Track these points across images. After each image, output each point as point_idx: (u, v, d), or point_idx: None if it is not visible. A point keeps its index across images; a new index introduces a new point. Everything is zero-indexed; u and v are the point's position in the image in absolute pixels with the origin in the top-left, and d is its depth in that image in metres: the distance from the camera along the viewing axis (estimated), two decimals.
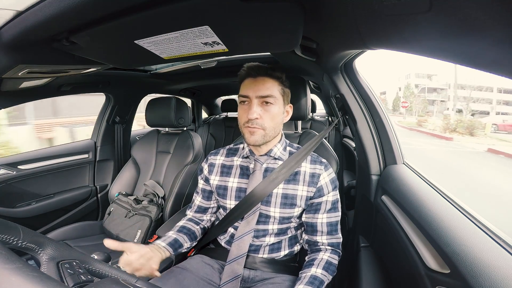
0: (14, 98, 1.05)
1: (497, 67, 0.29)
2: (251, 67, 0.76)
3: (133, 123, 1.85)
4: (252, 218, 0.78)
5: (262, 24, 0.51)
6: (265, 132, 0.75)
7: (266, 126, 0.74)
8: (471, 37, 0.28)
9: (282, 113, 0.79)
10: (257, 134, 0.74)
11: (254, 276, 0.79)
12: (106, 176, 1.71)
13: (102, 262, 0.50)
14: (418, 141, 9.62)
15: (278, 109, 0.76)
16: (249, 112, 0.73)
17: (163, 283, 0.72)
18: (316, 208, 0.79)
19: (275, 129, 0.77)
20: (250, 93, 0.74)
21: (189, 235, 0.86)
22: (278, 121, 0.77)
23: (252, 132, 0.74)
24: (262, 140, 0.75)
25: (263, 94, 0.73)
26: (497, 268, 0.39)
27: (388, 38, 0.45)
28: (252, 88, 0.74)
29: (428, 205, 0.60)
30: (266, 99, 0.73)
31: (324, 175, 0.80)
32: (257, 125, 0.73)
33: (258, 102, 0.74)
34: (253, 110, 0.72)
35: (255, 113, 0.72)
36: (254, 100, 0.74)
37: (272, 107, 0.75)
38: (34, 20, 0.47)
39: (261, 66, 0.76)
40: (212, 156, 0.91)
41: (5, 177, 1.27)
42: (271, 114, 0.74)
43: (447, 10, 0.27)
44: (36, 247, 0.42)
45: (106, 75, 1.36)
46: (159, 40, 0.57)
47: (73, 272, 0.40)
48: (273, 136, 0.78)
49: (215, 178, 0.87)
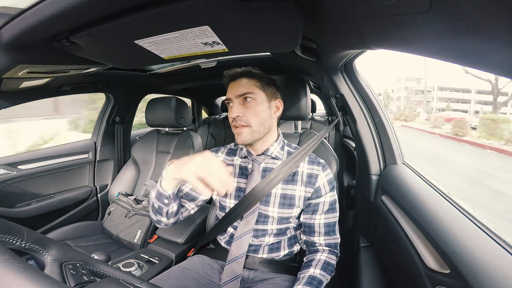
0: (14, 98, 1.05)
1: (497, 67, 0.29)
2: (228, 72, 0.81)
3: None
4: (251, 217, 0.78)
5: (262, 24, 0.51)
6: (252, 129, 0.76)
7: (251, 122, 0.76)
8: (471, 37, 0.28)
9: (267, 108, 0.79)
10: (244, 132, 0.76)
11: (253, 276, 0.79)
12: (106, 176, 1.71)
13: (105, 264, 0.50)
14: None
15: (261, 104, 0.78)
16: (231, 111, 0.77)
17: (163, 283, 0.72)
18: (314, 209, 0.79)
19: (263, 124, 0.78)
20: (231, 95, 0.78)
21: (178, 206, 0.77)
22: (264, 116, 0.78)
23: (238, 132, 0.77)
24: (251, 138, 0.77)
25: (240, 92, 0.77)
26: (497, 268, 0.39)
27: (388, 38, 0.44)
28: (232, 90, 0.79)
29: (428, 205, 0.60)
30: (245, 96, 0.77)
31: (322, 175, 0.80)
32: (242, 122, 0.76)
33: (239, 101, 0.78)
34: (234, 109, 0.77)
35: (235, 112, 0.76)
36: (235, 100, 0.78)
37: (253, 103, 0.77)
38: (34, 20, 0.47)
39: (237, 69, 0.80)
40: (213, 154, 0.91)
41: (5, 177, 1.26)
42: (253, 110, 0.77)
43: (447, 10, 0.27)
44: (40, 248, 0.42)
45: (106, 75, 1.36)
46: (159, 40, 0.57)
47: (76, 273, 0.40)
48: (263, 132, 0.79)
49: None
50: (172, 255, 1.08)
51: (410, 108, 20.59)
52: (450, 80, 22.59)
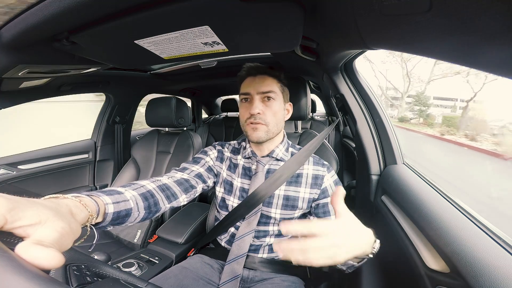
0: (14, 98, 1.05)
1: (497, 67, 0.29)
2: (250, 66, 0.78)
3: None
4: (254, 218, 0.78)
5: (262, 24, 0.51)
6: (268, 128, 0.75)
7: (269, 122, 0.75)
8: (472, 37, 0.28)
9: (283, 110, 0.80)
10: (260, 130, 0.75)
11: (253, 276, 0.79)
12: (106, 176, 1.71)
13: (110, 266, 0.50)
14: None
15: (279, 105, 0.78)
16: (252, 107, 0.74)
17: (163, 283, 0.72)
18: (324, 210, 0.78)
19: (278, 125, 0.78)
20: (251, 90, 0.76)
21: (148, 213, 0.60)
22: (280, 117, 0.79)
23: (255, 128, 0.75)
24: (266, 136, 0.76)
25: (264, 90, 0.75)
26: (497, 268, 0.39)
27: (388, 38, 0.44)
28: (253, 85, 0.76)
29: (428, 205, 0.60)
30: (267, 95, 0.75)
31: (328, 176, 0.80)
32: (260, 120, 0.74)
33: (260, 98, 0.76)
34: (255, 105, 0.74)
35: (257, 108, 0.74)
36: (256, 96, 0.75)
37: (274, 103, 0.76)
38: (34, 20, 0.47)
39: (260, 65, 0.78)
40: (219, 147, 0.89)
41: (5, 177, 1.26)
42: (272, 109, 0.76)
43: (447, 10, 0.27)
44: None
45: (106, 75, 1.36)
46: (159, 40, 0.57)
47: (79, 274, 0.40)
48: (276, 133, 0.79)
49: (224, 169, 0.86)
50: (172, 255, 1.08)
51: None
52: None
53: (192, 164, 0.81)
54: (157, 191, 0.65)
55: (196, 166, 0.81)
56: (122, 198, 0.53)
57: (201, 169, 0.81)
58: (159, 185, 0.67)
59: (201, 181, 0.79)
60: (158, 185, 0.66)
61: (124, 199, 0.53)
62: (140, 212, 0.57)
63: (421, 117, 11.67)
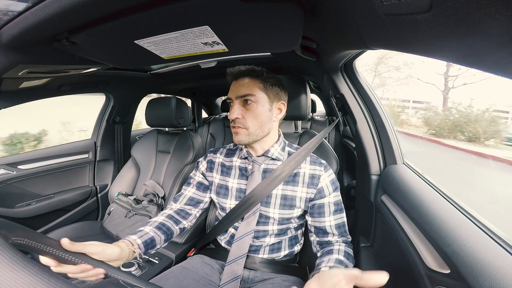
0: (14, 98, 1.05)
1: (498, 68, 0.29)
2: (231, 70, 0.78)
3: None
4: (253, 219, 0.78)
5: (262, 24, 0.51)
6: (249, 132, 0.75)
7: (249, 125, 0.75)
8: (472, 38, 0.28)
9: (267, 111, 0.77)
10: (241, 133, 0.75)
11: (254, 277, 0.79)
12: (106, 176, 1.71)
13: (110, 266, 0.50)
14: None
15: (261, 107, 0.76)
16: (230, 112, 0.76)
17: (163, 283, 0.72)
18: (320, 211, 0.78)
19: (262, 127, 0.76)
20: (231, 95, 0.77)
21: (167, 235, 0.77)
22: (263, 119, 0.76)
23: (236, 132, 0.76)
24: (247, 139, 0.76)
25: (241, 93, 0.75)
26: (497, 268, 0.39)
27: (388, 38, 0.44)
28: (233, 90, 0.77)
29: (428, 205, 0.60)
30: (245, 98, 0.75)
31: (324, 176, 0.79)
32: (240, 124, 0.75)
33: (239, 102, 0.76)
34: (233, 111, 0.76)
35: (234, 113, 0.75)
36: (235, 101, 0.76)
37: (253, 106, 0.75)
38: (34, 20, 0.47)
39: (240, 68, 0.78)
40: (211, 154, 0.91)
41: (5, 177, 1.27)
42: (252, 113, 0.75)
43: (447, 10, 0.27)
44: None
45: (106, 75, 1.36)
46: (159, 40, 0.57)
47: None
48: (261, 135, 0.77)
49: (216, 176, 0.86)
50: (172, 255, 1.08)
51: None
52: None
53: (185, 186, 0.91)
54: (166, 219, 0.81)
55: (188, 187, 0.90)
56: (143, 233, 0.71)
57: (192, 190, 0.89)
58: (167, 215, 0.83)
59: (192, 205, 0.88)
60: (165, 216, 0.82)
61: (146, 233, 0.71)
62: (160, 237, 0.74)
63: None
